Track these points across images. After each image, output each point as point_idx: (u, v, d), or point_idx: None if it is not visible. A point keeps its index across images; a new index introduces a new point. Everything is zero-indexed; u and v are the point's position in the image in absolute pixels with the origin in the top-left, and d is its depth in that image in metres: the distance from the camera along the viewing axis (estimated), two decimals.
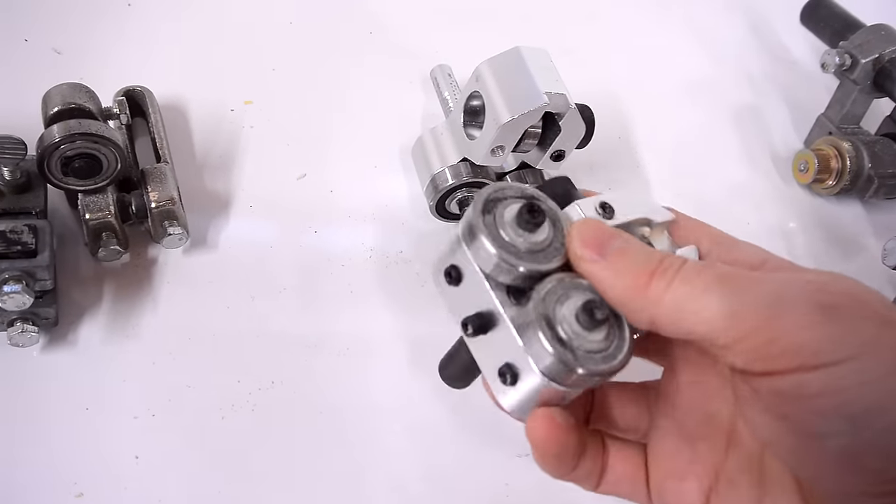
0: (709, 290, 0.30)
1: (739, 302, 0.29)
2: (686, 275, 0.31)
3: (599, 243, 0.34)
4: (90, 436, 0.48)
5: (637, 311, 0.33)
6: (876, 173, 0.66)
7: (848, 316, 0.28)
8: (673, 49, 0.79)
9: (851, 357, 0.27)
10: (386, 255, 0.59)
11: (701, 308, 0.30)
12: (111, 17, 0.70)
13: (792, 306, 0.28)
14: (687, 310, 0.30)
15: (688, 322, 0.31)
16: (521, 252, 0.35)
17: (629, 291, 0.33)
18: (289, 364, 0.53)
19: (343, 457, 0.50)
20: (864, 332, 0.28)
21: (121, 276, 0.54)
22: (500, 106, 0.51)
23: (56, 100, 0.52)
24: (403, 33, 0.74)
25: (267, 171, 0.62)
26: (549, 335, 0.33)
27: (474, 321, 0.36)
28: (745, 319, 0.29)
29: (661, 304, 0.31)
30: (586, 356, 0.34)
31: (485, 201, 0.35)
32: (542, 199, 0.37)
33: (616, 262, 0.33)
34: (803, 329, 0.28)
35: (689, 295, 0.31)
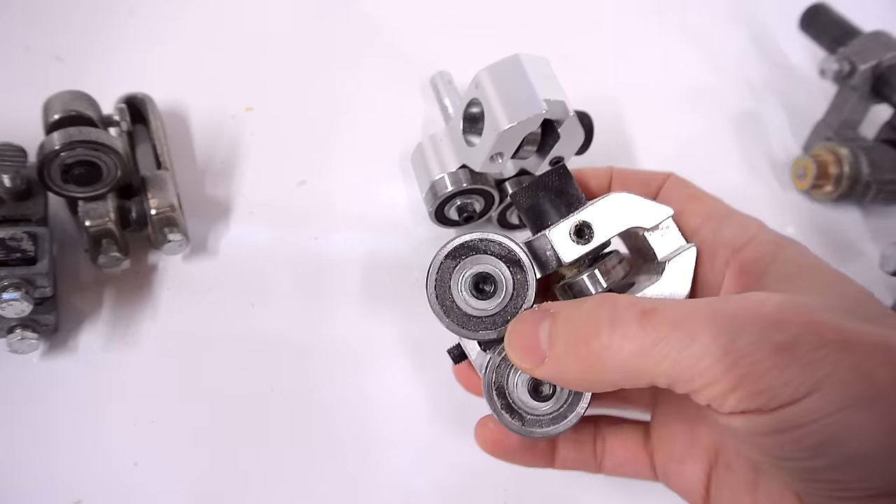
0: (656, 344, 0.30)
1: (694, 353, 0.29)
2: (626, 329, 0.31)
3: (532, 347, 0.34)
4: (89, 443, 0.48)
5: (596, 386, 0.33)
6: (874, 179, 0.66)
7: (804, 352, 0.28)
8: (672, 56, 0.79)
9: (808, 393, 0.28)
10: (386, 262, 0.59)
11: (654, 363, 0.30)
12: (113, 24, 0.70)
13: (747, 351, 0.28)
14: (641, 368, 0.30)
15: (646, 377, 0.31)
16: (468, 319, 0.37)
17: (579, 377, 0.33)
18: (288, 371, 0.53)
19: (342, 463, 0.50)
20: (820, 367, 0.28)
21: (121, 282, 0.55)
22: (499, 113, 0.51)
23: (56, 107, 0.52)
24: (404, 39, 0.74)
25: (267, 178, 0.62)
26: (499, 404, 0.37)
27: (454, 352, 0.40)
28: (703, 371, 0.29)
29: (612, 371, 0.31)
30: (534, 420, 0.37)
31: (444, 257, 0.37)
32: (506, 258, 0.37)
33: (553, 357, 0.33)
34: (760, 376, 0.28)
35: (637, 352, 0.30)
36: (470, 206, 0.56)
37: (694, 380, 0.29)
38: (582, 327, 0.32)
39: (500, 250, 0.37)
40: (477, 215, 0.57)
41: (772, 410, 0.28)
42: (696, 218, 0.40)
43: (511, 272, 0.37)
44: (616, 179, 0.44)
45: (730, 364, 0.28)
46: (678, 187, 0.43)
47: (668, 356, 0.29)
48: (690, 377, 0.29)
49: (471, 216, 0.57)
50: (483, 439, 0.42)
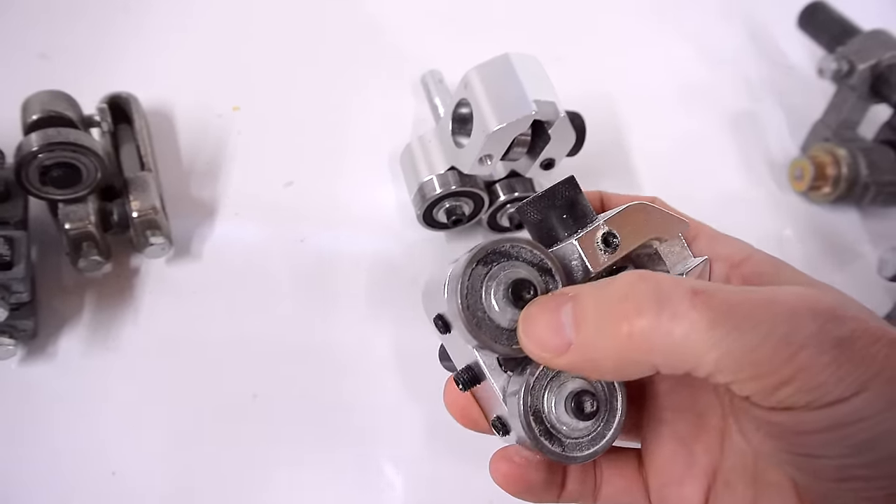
0: (712, 327, 0.27)
1: (752, 340, 0.27)
2: (676, 309, 0.28)
3: (554, 332, 0.30)
4: (67, 450, 0.47)
5: (631, 371, 0.30)
6: (873, 181, 0.65)
7: (859, 347, 0.27)
8: (668, 54, 0.78)
9: (857, 392, 0.27)
10: (373, 264, 0.58)
11: (705, 349, 0.27)
12: (99, 22, 0.69)
13: (808, 343, 0.27)
14: (688, 352, 0.27)
15: (689, 363, 0.28)
16: (501, 332, 0.33)
17: (614, 360, 0.29)
18: (272, 376, 0.52)
19: (327, 470, 0.49)
20: (873, 363, 0.27)
21: (102, 286, 0.54)
22: (488, 114, 0.50)
23: (35, 107, 0.51)
24: (394, 38, 0.73)
25: (254, 178, 0.61)
26: (538, 430, 0.33)
27: (464, 377, 0.36)
28: (760, 361, 0.27)
29: (655, 353, 0.28)
30: (574, 443, 0.34)
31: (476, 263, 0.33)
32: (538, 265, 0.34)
33: (583, 341, 0.30)
34: (818, 371, 0.27)
35: (689, 334, 0.27)
36: (459, 209, 0.55)
37: (746, 369, 0.27)
38: (619, 305, 0.29)
39: (532, 257, 0.34)
40: (466, 218, 0.56)
41: (819, 408, 0.27)
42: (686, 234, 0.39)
43: (543, 280, 0.34)
44: (605, 204, 0.43)
45: (789, 356, 0.27)
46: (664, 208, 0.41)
47: (723, 341, 0.27)
48: (743, 366, 0.27)
49: (459, 219, 0.56)
50: (503, 476, 0.37)
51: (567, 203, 0.36)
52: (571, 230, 0.36)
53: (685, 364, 0.28)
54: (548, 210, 0.36)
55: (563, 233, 0.36)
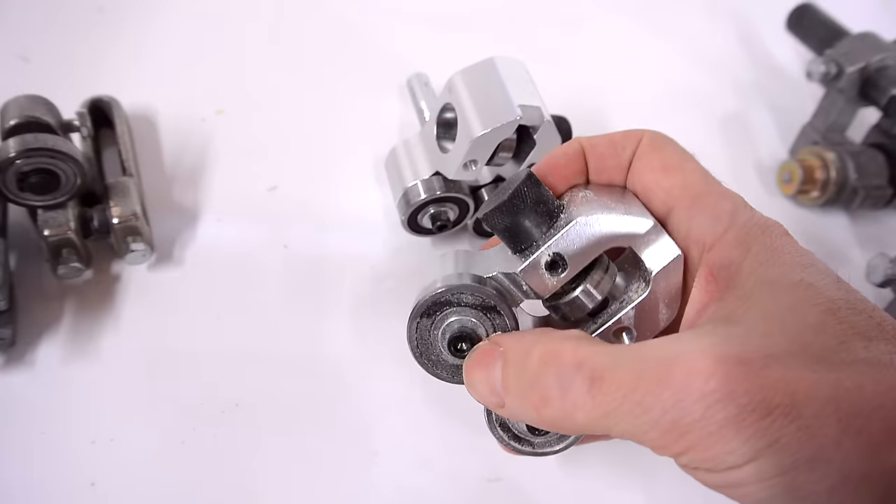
0: (609, 415, 0.31)
1: (646, 422, 0.30)
2: (576, 399, 0.31)
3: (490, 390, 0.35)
4: (45, 461, 0.46)
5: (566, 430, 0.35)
6: (862, 184, 0.64)
7: (748, 423, 0.28)
8: (657, 56, 0.78)
9: (749, 460, 0.28)
10: (358, 270, 0.57)
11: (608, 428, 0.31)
12: (81, 24, 0.68)
13: (694, 427, 0.29)
14: (596, 429, 0.31)
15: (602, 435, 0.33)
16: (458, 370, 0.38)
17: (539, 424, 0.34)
18: (254, 385, 0.51)
19: (309, 480, 0.49)
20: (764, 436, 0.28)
21: (82, 293, 0.53)
22: (473, 119, 0.50)
23: (13, 112, 0.50)
24: (380, 40, 0.72)
25: (237, 183, 0.60)
26: (507, 437, 0.39)
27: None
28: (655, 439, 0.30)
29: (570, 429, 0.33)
30: (543, 441, 0.39)
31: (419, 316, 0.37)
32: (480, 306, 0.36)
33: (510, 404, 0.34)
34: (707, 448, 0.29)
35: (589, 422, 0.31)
36: (444, 215, 0.55)
37: (647, 444, 0.31)
38: (529, 391, 0.33)
39: (473, 300, 0.36)
40: (451, 224, 0.56)
41: (719, 472, 0.30)
42: (667, 197, 0.37)
43: (489, 318, 0.36)
44: (590, 155, 0.40)
45: (678, 436, 0.29)
46: (650, 154, 0.39)
47: (621, 424, 0.30)
48: (643, 442, 0.31)
49: (444, 225, 0.55)
50: None
51: (532, 203, 0.35)
52: (542, 231, 0.36)
53: (599, 434, 0.32)
54: (515, 215, 0.35)
55: (536, 235, 0.36)
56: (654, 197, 0.38)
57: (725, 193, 0.37)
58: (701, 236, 0.35)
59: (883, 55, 0.65)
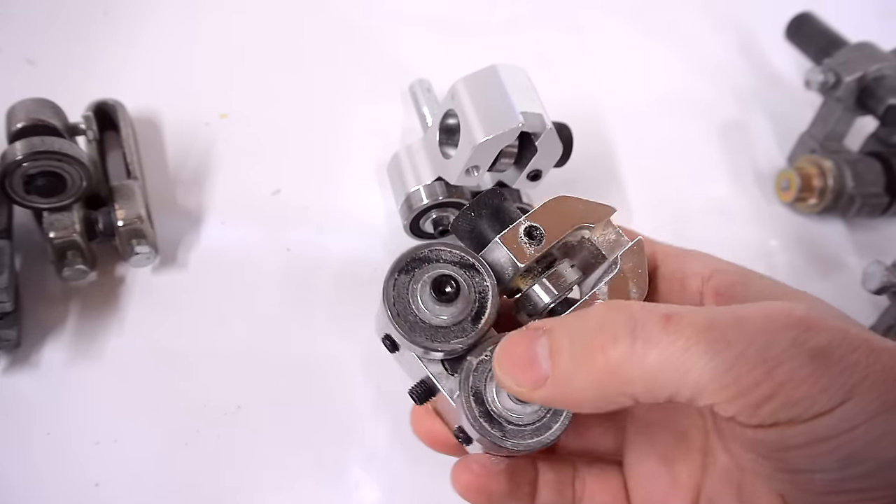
0: (686, 350, 0.27)
1: (728, 359, 0.27)
2: (650, 335, 0.28)
3: (529, 366, 0.30)
4: (49, 461, 0.47)
5: (611, 402, 0.30)
6: (859, 192, 0.65)
7: (838, 357, 0.27)
8: (657, 64, 0.78)
9: (841, 402, 0.27)
10: (360, 274, 0.58)
11: (683, 372, 0.27)
12: (87, 28, 0.69)
13: (784, 357, 0.27)
14: (666, 378, 0.27)
15: (669, 389, 0.28)
16: (436, 331, 0.35)
17: (593, 393, 0.29)
18: (257, 387, 0.52)
19: (314, 484, 0.49)
20: (855, 370, 0.27)
21: (87, 295, 0.53)
22: (475, 125, 0.50)
23: (20, 115, 0.51)
24: (383, 46, 0.73)
25: (241, 187, 0.61)
26: (476, 412, 0.34)
27: (418, 390, 0.37)
28: (739, 378, 0.27)
29: (633, 382, 0.28)
30: (516, 430, 0.34)
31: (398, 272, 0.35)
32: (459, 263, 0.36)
33: (559, 374, 0.30)
34: (799, 384, 0.27)
35: (665, 360, 0.27)
36: (445, 220, 0.55)
37: (725, 389, 0.27)
38: (594, 336, 0.29)
39: (451, 257, 0.36)
40: None
41: (805, 421, 0.27)
42: (654, 257, 0.39)
43: (468, 276, 0.36)
44: None
45: (766, 371, 0.27)
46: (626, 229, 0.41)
47: (698, 364, 0.27)
48: (722, 386, 0.27)
49: (446, 229, 0.56)
50: (463, 485, 0.37)
51: (492, 210, 0.38)
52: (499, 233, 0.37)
53: (665, 390, 0.28)
54: (476, 220, 0.38)
55: (492, 236, 0.37)
56: None
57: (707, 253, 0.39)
58: (697, 271, 0.37)
59: (880, 65, 0.65)
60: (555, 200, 0.38)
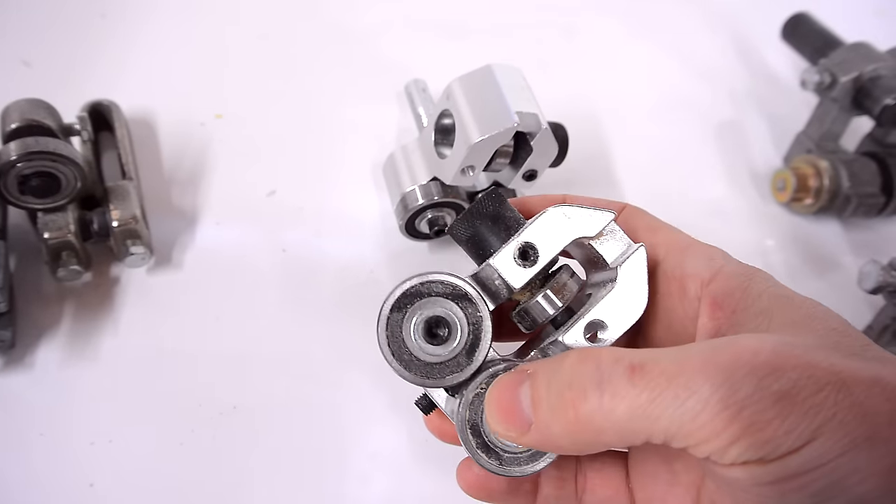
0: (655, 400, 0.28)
1: (695, 406, 0.28)
2: (616, 389, 0.29)
3: (515, 414, 0.32)
4: (44, 461, 0.47)
5: (588, 449, 0.32)
6: (854, 192, 0.65)
7: (802, 399, 0.27)
8: (653, 64, 0.78)
9: (808, 441, 0.27)
10: (356, 275, 0.58)
11: (652, 420, 0.28)
12: (83, 29, 0.69)
13: (748, 402, 0.27)
14: (637, 426, 0.29)
15: (642, 436, 0.29)
16: (431, 368, 0.35)
17: (569, 442, 0.31)
18: (252, 388, 0.51)
19: (309, 484, 0.49)
20: (820, 411, 0.27)
21: (82, 295, 0.53)
22: (470, 125, 0.50)
23: (14, 116, 0.51)
24: (379, 47, 0.73)
25: (236, 187, 0.61)
26: (475, 444, 0.35)
27: (422, 403, 0.38)
28: (705, 424, 0.28)
29: (605, 432, 0.30)
30: (512, 458, 0.35)
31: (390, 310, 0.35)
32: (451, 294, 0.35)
33: (539, 423, 0.32)
34: (763, 427, 0.27)
35: (631, 412, 0.29)
36: (441, 220, 0.55)
37: (694, 434, 0.28)
38: (566, 390, 0.30)
39: (444, 289, 0.36)
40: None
41: (774, 460, 0.27)
42: (656, 250, 0.39)
43: (461, 307, 0.36)
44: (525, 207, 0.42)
45: (731, 416, 0.27)
46: (635, 218, 0.41)
47: (665, 413, 0.28)
48: (689, 432, 0.28)
49: (442, 230, 0.56)
50: (466, 482, 0.39)
51: (491, 217, 0.37)
52: (503, 241, 0.37)
53: (638, 437, 0.29)
54: (476, 226, 0.37)
55: (491, 247, 0.37)
56: None
57: (710, 246, 0.38)
58: (697, 273, 0.36)
59: (876, 65, 0.65)
60: (551, 213, 0.37)
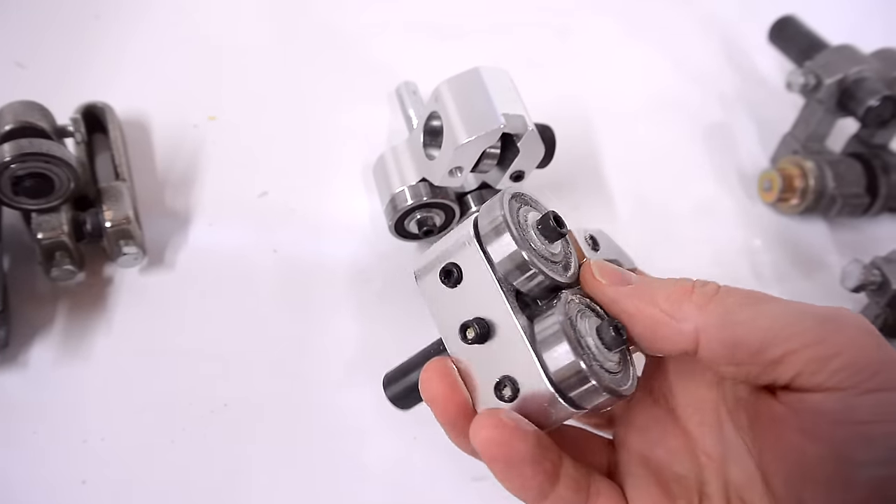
0: (761, 302, 0.29)
1: (797, 313, 0.28)
2: (729, 290, 0.31)
3: (617, 275, 0.34)
4: (37, 460, 0.47)
5: (678, 324, 0.31)
6: (839, 193, 0.66)
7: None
8: (642, 66, 0.79)
9: None
10: (347, 275, 0.58)
11: (755, 316, 0.28)
12: (76, 31, 0.69)
13: (850, 327, 0.27)
14: (738, 319, 0.29)
15: (739, 331, 0.29)
16: (543, 258, 0.35)
17: (668, 305, 0.31)
18: (243, 386, 0.52)
19: (295, 481, 0.50)
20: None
21: (75, 295, 0.54)
22: (458, 127, 0.51)
23: (8, 118, 0.51)
24: (370, 49, 0.73)
25: (228, 188, 0.62)
26: (574, 341, 0.32)
27: (477, 327, 0.34)
28: (806, 330, 0.27)
29: (708, 312, 0.30)
30: (601, 371, 0.33)
31: (510, 198, 0.35)
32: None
33: (644, 286, 0.33)
34: (864, 349, 0.27)
35: (740, 304, 0.29)
36: (430, 220, 0.56)
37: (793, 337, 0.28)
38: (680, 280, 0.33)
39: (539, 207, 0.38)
40: (437, 229, 0.57)
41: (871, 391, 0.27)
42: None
43: None
44: None
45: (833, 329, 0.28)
46: None
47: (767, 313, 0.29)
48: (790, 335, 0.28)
49: (431, 230, 0.56)
50: (485, 440, 0.31)
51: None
52: None
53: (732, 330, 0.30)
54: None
55: None
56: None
57: None
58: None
59: (860, 67, 0.66)
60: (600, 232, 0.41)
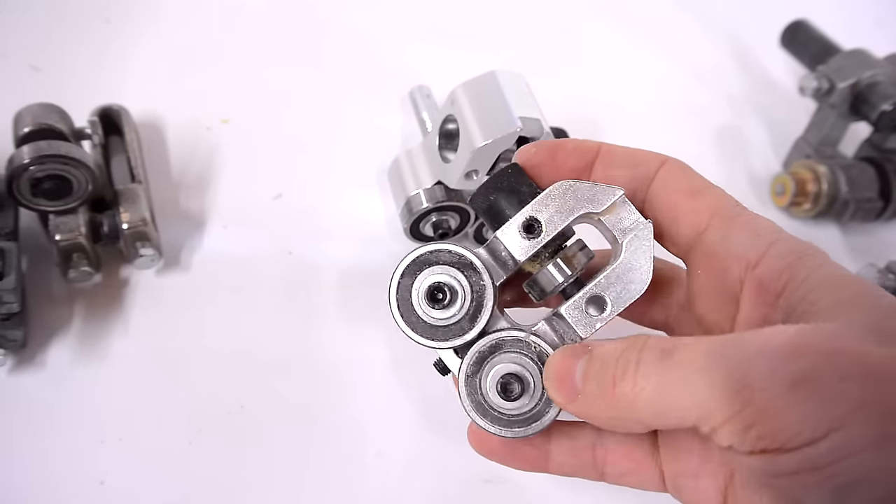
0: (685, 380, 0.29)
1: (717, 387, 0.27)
2: (646, 370, 0.30)
3: (568, 383, 0.34)
4: (55, 460, 0.48)
5: (625, 426, 0.33)
6: (852, 197, 0.66)
7: (825, 385, 0.26)
8: (654, 70, 0.79)
9: (833, 430, 0.26)
10: (361, 277, 0.59)
11: (677, 400, 0.29)
12: (90, 34, 0.70)
13: (763, 388, 0.27)
14: (664, 405, 0.30)
15: (672, 416, 0.30)
16: (435, 330, 0.38)
17: (608, 417, 0.33)
18: (259, 388, 0.52)
19: (316, 483, 0.50)
20: (845, 400, 0.26)
21: (92, 296, 0.54)
22: (474, 130, 0.51)
23: (27, 120, 0.52)
24: (383, 52, 0.74)
25: (243, 191, 0.62)
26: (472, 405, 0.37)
27: (438, 365, 0.40)
28: (717, 410, 0.27)
29: (636, 409, 0.31)
30: (507, 421, 0.37)
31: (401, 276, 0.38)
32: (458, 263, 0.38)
33: (585, 396, 0.33)
34: (778, 412, 0.26)
35: (663, 390, 0.30)
36: (445, 223, 0.56)
37: (711, 418, 0.28)
38: (612, 368, 0.32)
39: (450, 258, 0.38)
40: (452, 232, 0.57)
41: (791, 450, 0.26)
42: (699, 217, 0.36)
43: (466, 276, 0.38)
44: (602, 159, 0.39)
45: (744, 401, 0.27)
46: (676, 177, 0.38)
47: (685, 394, 0.29)
48: (707, 416, 0.28)
49: (446, 233, 0.57)
50: (475, 437, 0.40)
51: (508, 189, 0.38)
52: (516, 211, 0.38)
53: (668, 418, 0.30)
54: (492, 198, 0.39)
55: (509, 216, 0.38)
56: (682, 218, 0.37)
57: (759, 216, 0.36)
58: (742, 253, 0.34)
59: (873, 71, 0.66)
60: (557, 187, 0.37)
